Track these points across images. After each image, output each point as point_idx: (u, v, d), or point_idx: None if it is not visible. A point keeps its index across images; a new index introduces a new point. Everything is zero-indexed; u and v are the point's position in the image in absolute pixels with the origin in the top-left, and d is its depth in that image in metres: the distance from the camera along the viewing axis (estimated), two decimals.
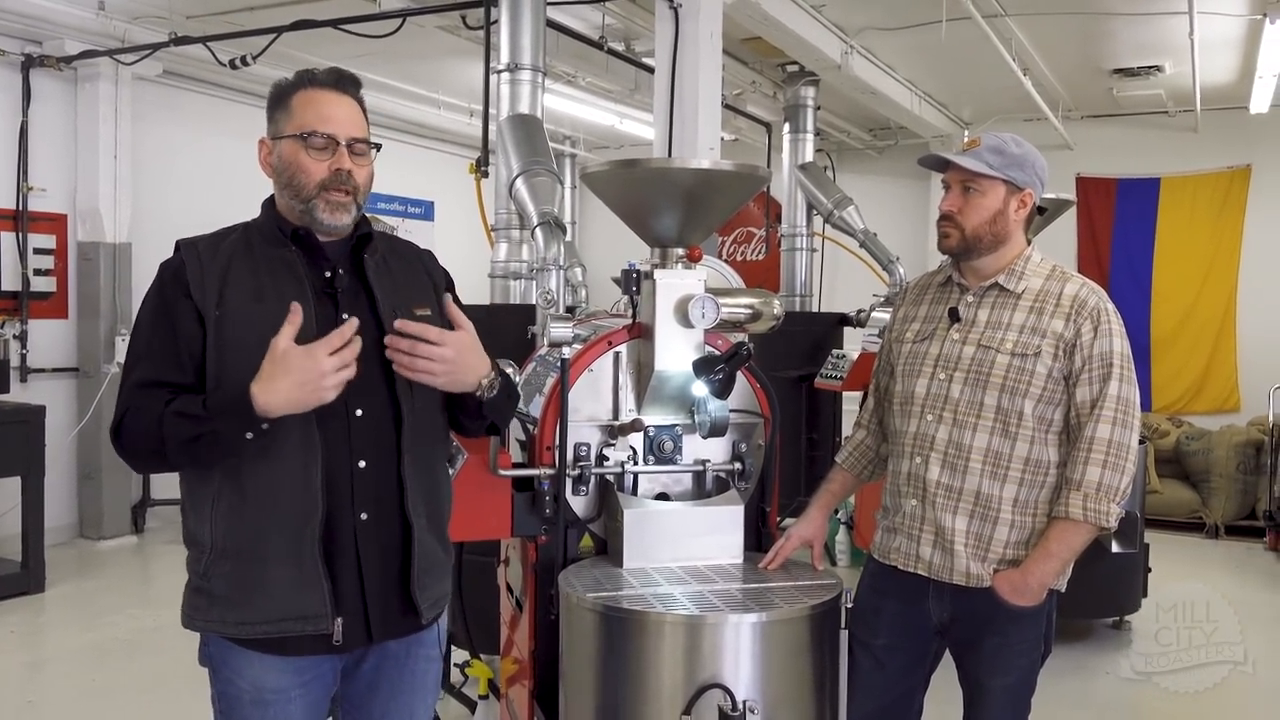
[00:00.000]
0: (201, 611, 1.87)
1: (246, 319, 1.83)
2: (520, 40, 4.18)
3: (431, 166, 9.35)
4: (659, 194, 2.58)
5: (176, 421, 1.75)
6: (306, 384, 1.71)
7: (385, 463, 1.91)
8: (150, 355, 1.84)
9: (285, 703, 1.89)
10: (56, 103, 6.68)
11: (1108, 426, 2.25)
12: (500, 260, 4.29)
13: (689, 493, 2.76)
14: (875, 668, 2.47)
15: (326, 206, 1.88)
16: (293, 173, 1.89)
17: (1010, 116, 8.47)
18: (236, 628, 1.85)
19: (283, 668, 1.88)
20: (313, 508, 1.83)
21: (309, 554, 1.83)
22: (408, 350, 1.82)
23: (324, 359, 1.70)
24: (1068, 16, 6.18)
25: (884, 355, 2.62)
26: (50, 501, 5.94)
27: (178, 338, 1.83)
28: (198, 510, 1.87)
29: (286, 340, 1.71)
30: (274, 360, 1.71)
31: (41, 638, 5.22)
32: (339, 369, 1.72)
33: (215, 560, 1.85)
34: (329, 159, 1.88)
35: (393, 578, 1.93)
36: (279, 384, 1.70)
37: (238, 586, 1.84)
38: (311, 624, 1.84)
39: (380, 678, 2.01)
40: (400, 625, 1.97)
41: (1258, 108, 7.55)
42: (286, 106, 1.91)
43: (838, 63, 6.41)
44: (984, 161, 2.32)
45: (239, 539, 1.83)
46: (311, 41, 5.84)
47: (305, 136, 1.87)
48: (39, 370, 6.63)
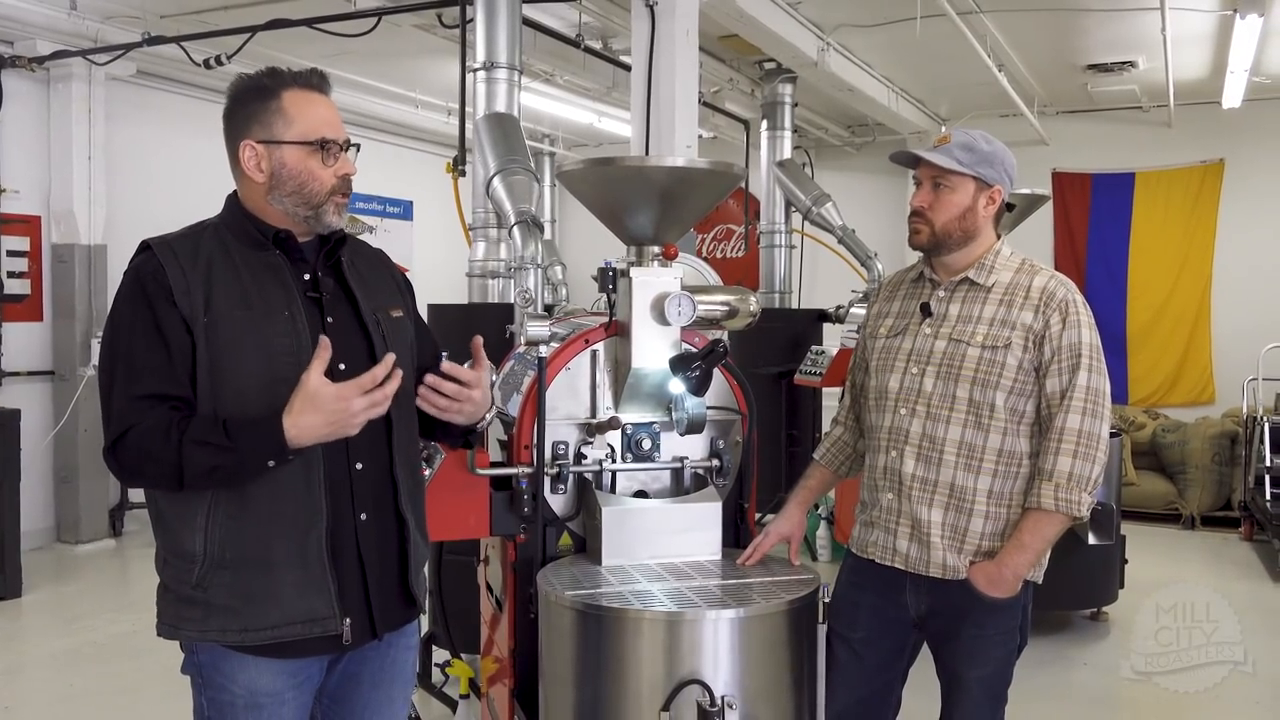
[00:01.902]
0: (195, 623, 1.85)
1: (235, 326, 1.81)
2: (496, 39, 4.18)
3: (410, 166, 9.32)
4: (634, 192, 2.59)
5: (196, 450, 1.73)
6: (336, 422, 1.74)
7: (379, 464, 1.94)
8: (141, 366, 1.79)
9: (279, 705, 1.90)
10: (29, 103, 6.62)
11: (1077, 417, 2.27)
12: (478, 259, 4.29)
13: (667, 490, 2.77)
14: (854, 661, 2.48)
15: (335, 210, 1.92)
16: (303, 180, 1.88)
17: (986, 112, 8.53)
18: (240, 635, 1.84)
19: (279, 670, 1.89)
20: (317, 512, 1.85)
21: (315, 557, 1.85)
22: (453, 396, 1.92)
23: (355, 401, 1.73)
24: (1042, 13, 6.23)
25: (860, 352, 2.64)
26: (27, 505, 5.90)
27: (168, 346, 1.79)
28: (185, 522, 1.83)
29: (318, 377, 1.72)
30: (305, 396, 1.72)
31: (18, 643, 5.17)
32: (370, 407, 1.74)
33: (210, 571, 1.82)
34: (334, 165, 1.90)
35: (391, 573, 1.97)
36: (309, 420, 1.72)
37: (241, 595, 1.83)
38: (320, 626, 1.86)
39: (362, 670, 2.03)
40: (398, 618, 2.02)
41: (1230, 103, 7.64)
42: (279, 109, 1.87)
43: (815, 60, 6.43)
44: (954, 158, 2.34)
45: (241, 548, 1.82)
46: (286, 41, 5.82)
47: (322, 144, 1.87)
48: (14, 374, 6.57)
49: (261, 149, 1.88)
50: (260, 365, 1.81)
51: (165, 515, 1.87)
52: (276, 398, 1.74)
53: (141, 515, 7.07)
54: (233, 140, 1.91)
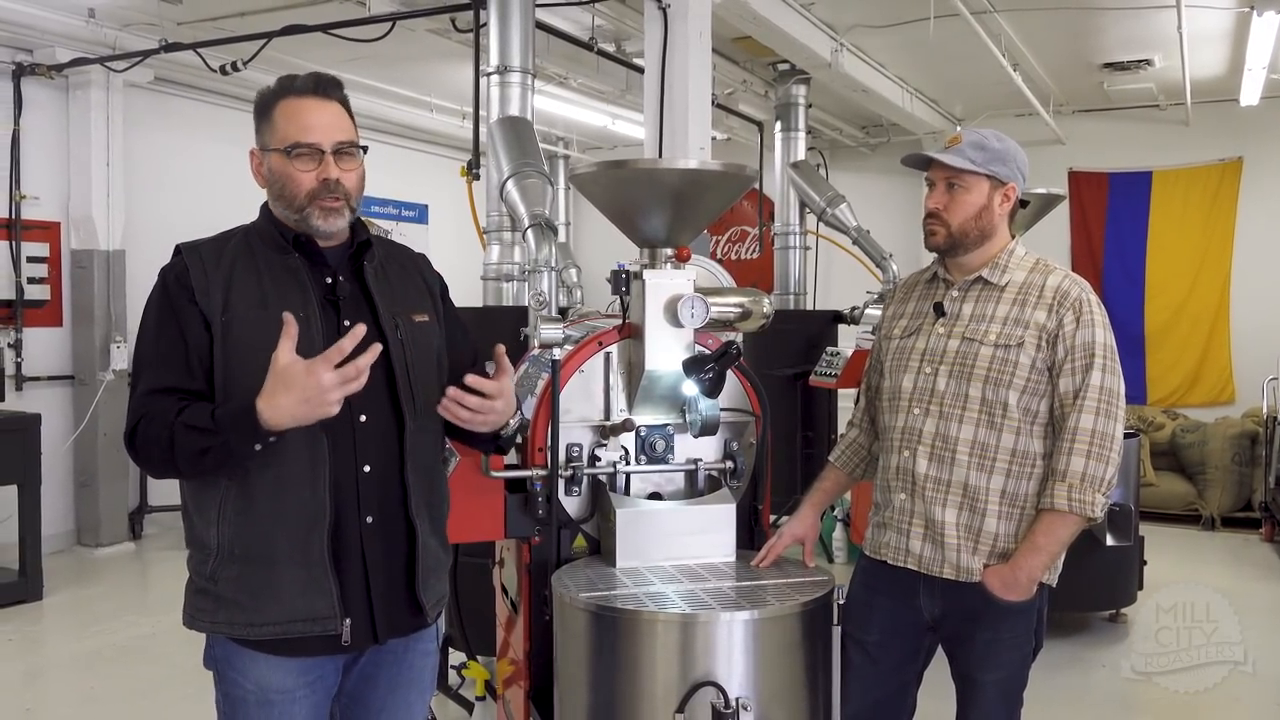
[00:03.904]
0: (208, 613, 1.90)
1: (252, 325, 1.84)
2: (509, 43, 4.20)
3: (425, 170, 9.35)
4: (646, 195, 2.59)
5: (186, 434, 1.76)
6: (310, 399, 1.70)
7: (389, 467, 1.94)
8: (159, 361, 1.86)
9: (290, 703, 1.91)
10: (48, 111, 6.69)
11: (1090, 416, 2.26)
12: (492, 262, 4.31)
13: (681, 492, 2.77)
14: (868, 663, 2.48)
15: (320, 213, 1.91)
16: (283, 184, 1.91)
17: (1002, 112, 8.48)
18: (245, 629, 1.87)
19: (289, 668, 1.91)
20: (320, 512, 1.86)
21: (317, 557, 1.86)
22: (476, 409, 1.90)
23: (324, 374, 1.69)
24: (1056, 11, 6.20)
25: (875, 353, 2.64)
26: (47, 509, 5.95)
27: (186, 343, 1.85)
28: (203, 514, 1.88)
29: (286, 354, 1.71)
30: (275, 375, 1.71)
31: (39, 645, 5.21)
32: (343, 383, 1.70)
33: (222, 563, 1.87)
34: (315, 169, 1.90)
35: (398, 579, 1.97)
36: (281, 399, 1.70)
37: (246, 589, 1.86)
38: (320, 625, 1.87)
39: (379, 672, 2.04)
40: (405, 624, 2.01)
41: (1248, 100, 7.58)
42: (269, 118, 1.93)
43: (828, 61, 6.42)
44: (966, 158, 2.34)
45: (247, 542, 1.85)
46: (302, 46, 5.84)
47: (289, 150, 1.90)
48: (34, 378, 6.63)
49: (259, 156, 1.96)
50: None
51: (189, 508, 1.93)
52: None
53: (160, 519, 7.13)
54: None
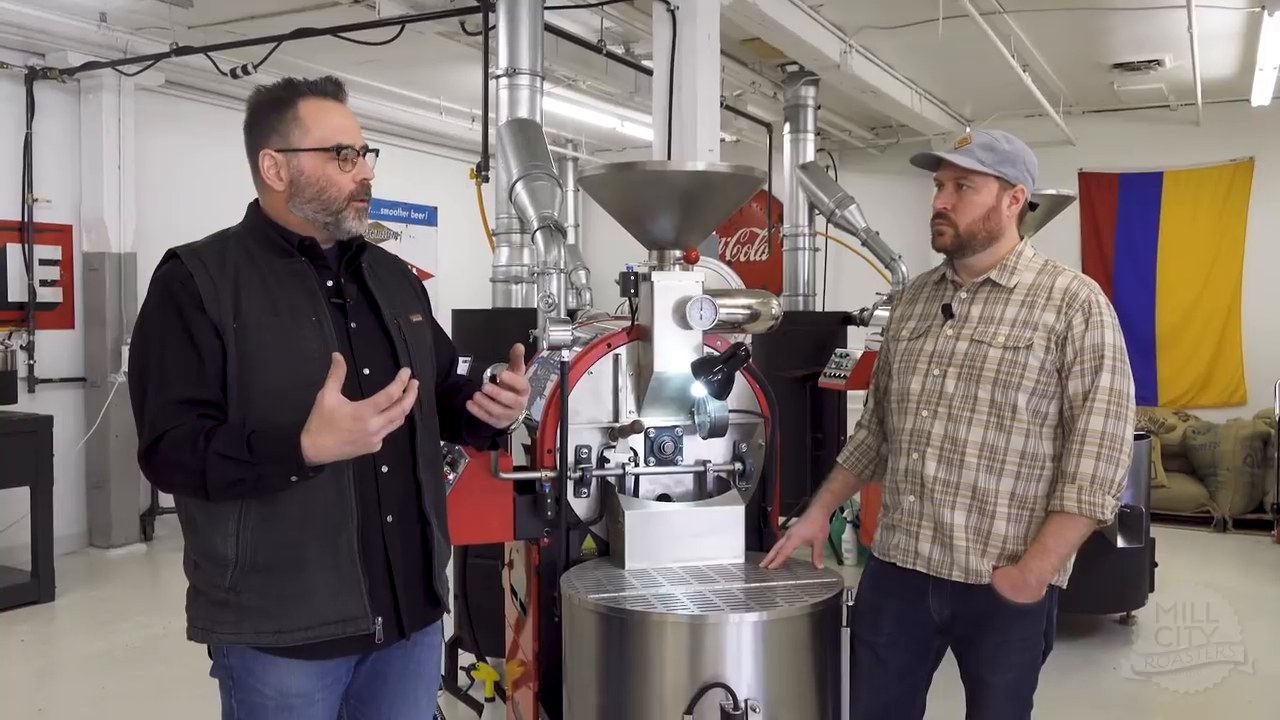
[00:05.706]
0: (229, 625, 1.88)
1: (265, 331, 1.84)
2: (518, 45, 4.21)
3: (435, 172, 9.36)
4: (654, 197, 2.60)
5: (221, 464, 1.74)
6: (354, 440, 1.71)
7: (403, 466, 1.97)
8: (170, 372, 1.82)
9: (309, 706, 1.92)
10: (60, 114, 6.72)
11: (1100, 418, 2.25)
12: (502, 265, 4.32)
13: (690, 493, 2.77)
14: (877, 665, 2.47)
15: (355, 215, 1.94)
16: (322, 186, 1.91)
17: (1011, 113, 8.46)
18: (274, 636, 1.86)
19: (310, 671, 1.91)
20: (347, 514, 1.88)
21: (347, 559, 1.88)
22: (510, 404, 1.97)
23: (372, 420, 1.69)
24: (1066, 12, 6.18)
25: (883, 355, 2.64)
26: (59, 511, 5.98)
27: (200, 353, 1.81)
28: (218, 526, 1.86)
29: (333, 396, 1.70)
30: (321, 415, 1.70)
31: (51, 646, 5.24)
32: (387, 424, 1.72)
33: (244, 574, 1.85)
34: (352, 170, 1.93)
35: (416, 574, 2.01)
36: (327, 440, 1.70)
37: (274, 597, 1.86)
38: (352, 626, 1.89)
39: (389, 668, 2.05)
40: (424, 617, 2.05)
41: (1259, 100, 7.54)
42: (295, 118, 1.91)
43: (837, 62, 6.41)
44: (976, 158, 2.33)
45: (273, 551, 1.85)
46: (312, 49, 5.87)
47: (338, 150, 1.90)
48: (46, 380, 6.66)
49: (280, 158, 1.92)
50: (291, 370, 1.84)
51: (196, 519, 1.90)
52: (307, 401, 1.73)
53: (172, 520, 7.13)
54: (253, 151, 1.95)
